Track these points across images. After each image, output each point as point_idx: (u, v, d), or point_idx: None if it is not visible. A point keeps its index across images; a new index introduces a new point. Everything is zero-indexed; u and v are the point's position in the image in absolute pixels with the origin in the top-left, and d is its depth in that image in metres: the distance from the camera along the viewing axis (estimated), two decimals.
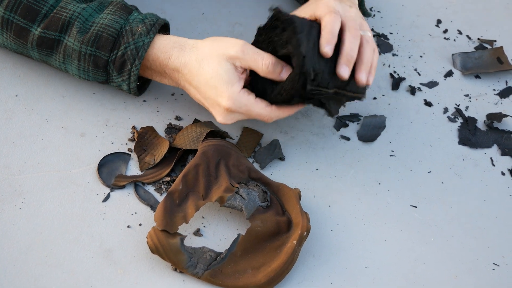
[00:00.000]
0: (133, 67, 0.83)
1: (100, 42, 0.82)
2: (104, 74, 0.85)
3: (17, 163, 0.83)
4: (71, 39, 0.83)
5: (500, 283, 0.82)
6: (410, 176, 0.90)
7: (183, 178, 0.82)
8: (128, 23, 0.84)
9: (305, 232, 0.79)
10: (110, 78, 0.85)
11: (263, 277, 0.77)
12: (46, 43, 0.84)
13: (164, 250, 0.76)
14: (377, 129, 0.94)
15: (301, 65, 0.77)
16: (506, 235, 0.86)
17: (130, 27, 0.83)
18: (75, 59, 0.84)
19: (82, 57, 0.83)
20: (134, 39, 0.83)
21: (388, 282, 0.80)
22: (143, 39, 0.83)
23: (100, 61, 0.83)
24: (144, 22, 0.84)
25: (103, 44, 0.82)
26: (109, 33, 0.83)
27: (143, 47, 0.83)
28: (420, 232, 0.85)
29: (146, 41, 0.83)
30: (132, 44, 0.82)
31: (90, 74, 0.85)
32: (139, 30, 0.83)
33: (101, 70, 0.84)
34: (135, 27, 0.83)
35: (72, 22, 0.83)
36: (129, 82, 0.85)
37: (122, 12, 0.84)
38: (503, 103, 1.00)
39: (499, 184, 0.91)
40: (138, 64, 0.83)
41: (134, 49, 0.82)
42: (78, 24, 0.83)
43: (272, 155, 0.89)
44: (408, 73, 1.02)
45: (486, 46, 1.07)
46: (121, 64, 0.83)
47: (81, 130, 0.88)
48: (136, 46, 0.82)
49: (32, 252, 0.77)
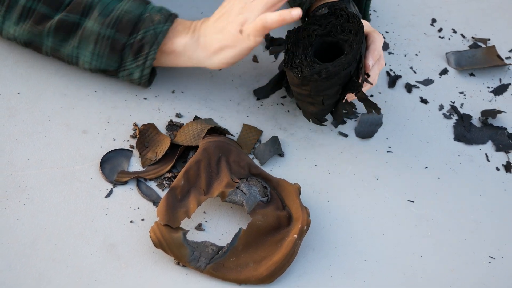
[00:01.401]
0: (151, 51, 0.86)
1: (121, 25, 0.86)
2: (118, 60, 0.87)
3: (20, 159, 0.84)
4: (92, 21, 0.86)
5: (496, 275, 0.84)
6: (407, 171, 0.92)
7: (185, 174, 0.83)
8: (147, 11, 0.87)
9: (305, 226, 0.80)
10: (123, 64, 0.87)
11: (265, 271, 0.78)
12: (65, 27, 0.86)
13: (167, 244, 0.77)
14: (374, 126, 0.96)
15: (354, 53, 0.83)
16: (501, 229, 0.88)
17: (150, 15, 0.87)
18: (91, 42, 0.86)
19: (100, 40, 0.86)
20: (154, 25, 0.86)
21: (386, 275, 0.82)
22: (161, 25, 0.86)
23: (118, 44, 0.86)
24: (161, 12, 0.88)
25: (124, 27, 0.86)
26: (130, 17, 0.86)
27: (162, 33, 0.86)
28: (417, 226, 0.87)
29: (165, 28, 0.86)
30: (152, 29, 0.86)
31: (104, 59, 0.87)
32: (158, 18, 0.87)
33: (116, 55, 0.86)
34: (154, 15, 0.87)
35: (94, 6, 0.86)
36: (143, 68, 0.87)
37: (140, 2, 0.88)
38: (497, 100, 1.02)
39: (494, 179, 0.93)
40: (156, 48, 0.86)
41: (154, 33, 0.86)
42: (100, 7, 0.86)
43: (272, 152, 0.90)
44: (404, 71, 1.04)
45: (480, 44, 1.09)
46: (139, 48, 0.86)
47: (83, 127, 0.89)
48: (156, 31, 0.86)
49: (36, 247, 0.78)
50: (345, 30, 0.84)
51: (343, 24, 0.84)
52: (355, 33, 0.84)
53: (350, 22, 0.84)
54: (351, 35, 0.84)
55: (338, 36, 0.84)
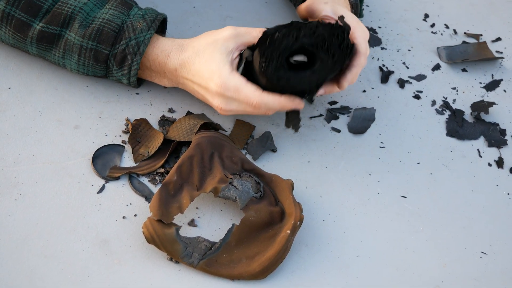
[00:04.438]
0: (134, 62, 0.84)
1: (102, 36, 0.83)
2: (104, 69, 0.86)
3: (11, 155, 0.84)
4: (73, 34, 0.83)
5: (488, 271, 0.84)
6: (399, 167, 0.92)
7: (178, 169, 0.83)
8: (129, 19, 0.85)
9: (298, 222, 0.80)
10: (109, 72, 0.86)
11: (258, 266, 0.78)
12: (46, 37, 0.84)
13: (160, 240, 0.77)
14: (367, 121, 0.96)
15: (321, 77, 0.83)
16: (493, 225, 0.88)
17: (131, 23, 0.84)
18: (75, 53, 0.84)
19: (83, 51, 0.84)
20: (136, 34, 0.84)
21: (379, 270, 0.82)
22: (144, 34, 0.84)
23: (101, 55, 0.84)
24: (144, 18, 0.85)
25: (105, 38, 0.83)
26: (111, 28, 0.84)
27: (144, 42, 0.84)
28: (410, 221, 0.87)
29: (147, 36, 0.84)
30: (134, 39, 0.84)
31: (90, 68, 0.86)
32: (140, 25, 0.84)
33: (101, 65, 0.85)
34: (136, 23, 0.84)
35: (74, 17, 0.83)
36: (129, 76, 0.86)
37: (123, 8, 0.85)
38: (489, 95, 1.03)
39: (486, 174, 0.93)
40: (139, 59, 0.84)
41: (135, 43, 0.84)
42: (80, 18, 0.84)
43: (265, 147, 0.90)
44: (396, 67, 1.04)
45: (472, 40, 1.09)
46: (121, 58, 0.84)
47: (75, 122, 0.88)
48: (137, 41, 0.84)
49: (28, 243, 0.77)
50: (329, 52, 0.82)
51: (333, 45, 0.82)
52: (336, 61, 0.82)
53: (340, 49, 0.82)
54: (331, 60, 0.82)
55: (319, 51, 0.82)
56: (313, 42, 0.82)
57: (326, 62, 0.82)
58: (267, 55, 0.81)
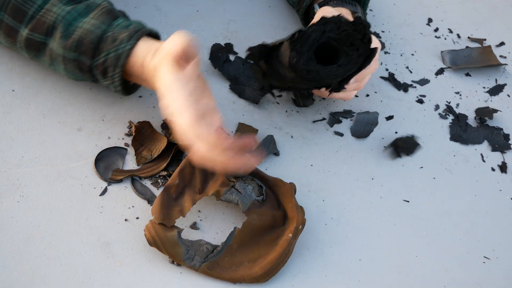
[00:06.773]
0: (115, 74, 0.82)
1: (82, 48, 0.81)
2: (90, 77, 0.84)
3: (15, 157, 0.84)
4: (55, 43, 0.82)
5: (491, 276, 0.84)
6: (402, 171, 0.92)
7: (180, 172, 0.83)
8: (111, 29, 0.81)
9: (300, 225, 0.80)
10: (97, 80, 0.85)
11: (260, 269, 0.78)
12: (33, 45, 0.83)
13: (161, 242, 0.77)
14: (370, 126, 0.96)
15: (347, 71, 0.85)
16: (496, 229, 0.88)
17: (113, 33, 0.80)
18: (60, 62, 0.83)
19: (67, 61, 0.82)
20: (115, 46, 0.80)
21: (381, 274, 0.82)
22: (123, 45, 0.80)
23: (84, 66, 0.82)
24: (128, 28, 0.81)
25: (85, 49, 0.80)
26: (90, 39, 0.80)
27: (123, 54, 0.80)
28: (412, 226, 0.87)
29: (127, 47, 0.80)
30: (113, 51, 0.80)
31: (77, 75, 0.85)
32: (121, 36, 0.80)
33: (87, 74, 0.84)
34: (118, 33, 0.80)
35: (56, 26, 0.81)
36: (113, 86, 0.84)
37: (106, 17, 0.82)
38: (492, 100, 1.02)
39: (489, 179, 0.93)
40: (118, 72, 0.81)
41: (114, 56, 0.80)
42: (61, 28, 0.81)
43: (267, 151, 0.90)
44: (400, 71, 1.03)
45: (476, 44, 1.09)
46: (103, 70, 0.82)
47: (78, 125, 0.88)
48: (117, 53, 0.80)
49: (31, 245, 0.78)
50: (354, 46, 0.84)
51: (357, 40, 0.84)
52: (360, 54, 0.84)
53: (363, 43, 0.84)
54: (356, 54, 0.84)
55: (344, 47, 0.84)
56: (339, 37, 0.83)
57: (351, 56, 0.83)
58: (297, 49, 0.82)
